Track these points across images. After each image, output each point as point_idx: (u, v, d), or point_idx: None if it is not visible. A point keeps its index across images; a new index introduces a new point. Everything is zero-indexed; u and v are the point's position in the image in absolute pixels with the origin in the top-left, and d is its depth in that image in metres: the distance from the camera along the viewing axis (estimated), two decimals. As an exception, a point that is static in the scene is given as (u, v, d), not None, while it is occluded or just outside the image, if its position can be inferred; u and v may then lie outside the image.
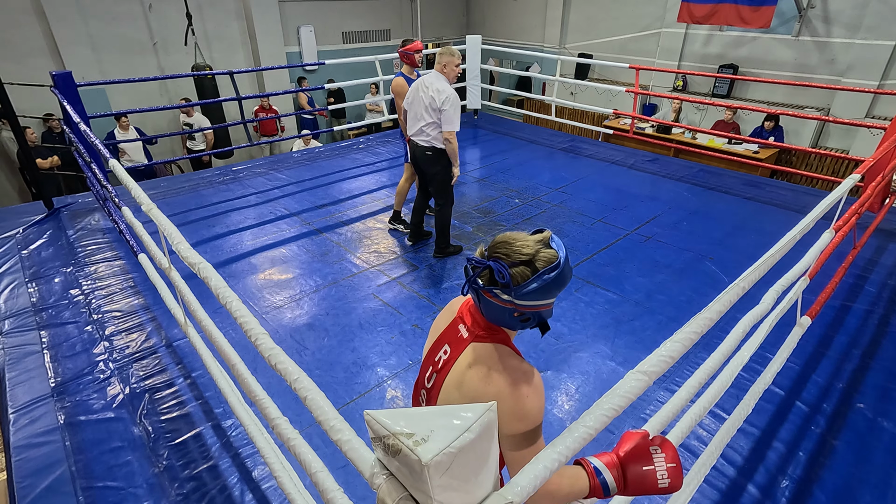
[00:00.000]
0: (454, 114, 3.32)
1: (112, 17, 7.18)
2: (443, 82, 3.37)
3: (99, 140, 3.06)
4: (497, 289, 1.04)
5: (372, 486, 0.83)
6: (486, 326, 1.13)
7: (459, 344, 1.15)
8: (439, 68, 3.42)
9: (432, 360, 1.21)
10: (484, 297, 1.06)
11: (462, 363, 1.12)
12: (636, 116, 5.98)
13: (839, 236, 2.54)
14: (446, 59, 3.39)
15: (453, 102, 3.31)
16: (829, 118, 4.65)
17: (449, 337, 1.19)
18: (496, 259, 1.04)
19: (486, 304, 1.08)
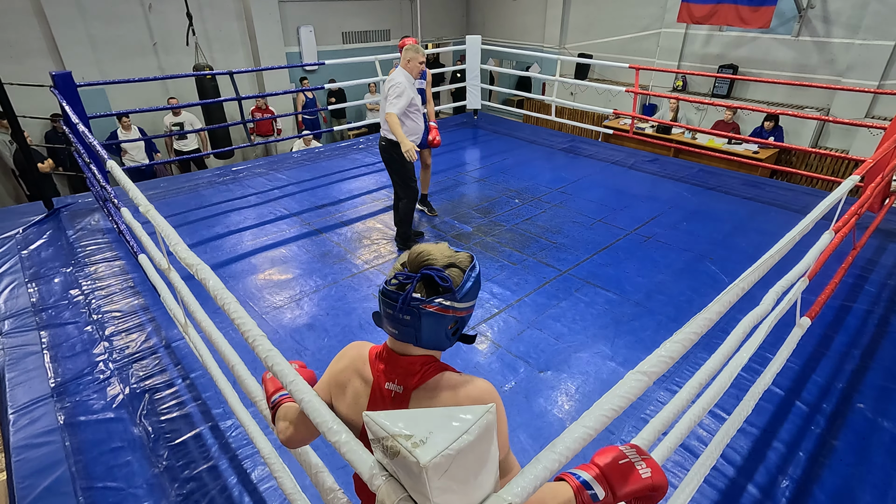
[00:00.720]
0: (395, 98, 3.47)
1: (112, 18, 7.18)
2: (399, 74, 3.54)
3: (98, 141, 3.06)
4: (439, 297, 0.98)
5: (371, 487, 0.83)
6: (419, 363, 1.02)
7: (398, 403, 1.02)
8: (403, 64, 3.59)
9: None
10: (425, 312, 0.97)
11: None
12: (636, 116, 5.98)
13: (839, 237, 2.54)
14: (409, 56, 3.56)
15: (397, 88, 3.47)
16: (829, 118, 4.65)
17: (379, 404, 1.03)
18: (426, 267, 0.98)
19: (427, 320, 0.98)
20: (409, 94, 3.52)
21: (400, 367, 1.02)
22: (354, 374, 1.08)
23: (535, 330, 3.00)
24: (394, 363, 1.03)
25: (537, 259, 3.76)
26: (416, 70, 3.58)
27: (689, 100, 6.37)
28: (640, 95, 6.65)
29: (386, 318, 1.01)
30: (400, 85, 3.48)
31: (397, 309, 0.97)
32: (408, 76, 3.57)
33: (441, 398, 0.99)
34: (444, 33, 11.35)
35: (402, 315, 0.97)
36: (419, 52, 3.57)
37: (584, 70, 9.46)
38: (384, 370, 1.04)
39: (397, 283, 0.98)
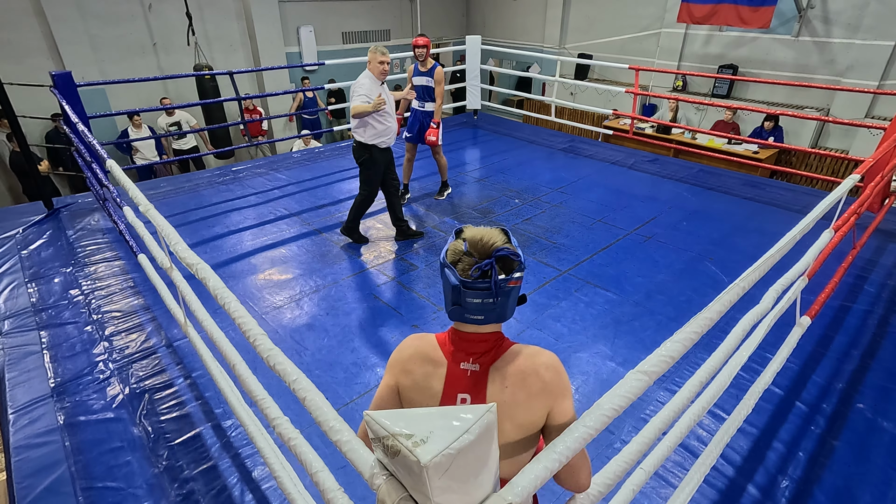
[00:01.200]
0: (356, 97, 3.57)
1: (112, 18, 7.18)
2: (364, 76, 3.63)
3: (101, 140, 3.06)
4: (515, 272, 1.04)
5: (372, 486, 0.83)
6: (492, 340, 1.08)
7: (476, 381, 1.06)
8: (369, 67, 3.67)
9: None
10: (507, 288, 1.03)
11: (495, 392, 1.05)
12: (636, 117, 5.98)
13: (839, 236, 2.54)
14: (370, 57, 3.66)
15: (357, 87, 3.57)
16: (829, 118, 4.65)
17: (457, 386, 1.07)
18: (497, 250, 1.03)
19: (510, 296, 1.05)
20: (368, 94, 3.56)
21: (473, 347, 1.07)
22: (422, 361, 1.10)
23: (534, 330, 3.00)
24: (466, 344, 1.08)
25: (537, 259, 3.76)
26: (379, 71, 3.63)
27: (689, 100, 6.37)
28: (640, 96, 6.65)
29: (469, 309, 1.04)
30: (363, 86, 3.57)
31: (491, 294, 1.02)
32: (372, 78, 3.63)
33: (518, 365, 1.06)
34: (444, 33, 11.35)
35: (494, 299, 1.02)
36: (377, 53, 3.62)
37: (584, 70, 9.46)
38: (455, 352, 1.08)
39: (480, 272, 1.01)
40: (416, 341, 1.15)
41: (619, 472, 1.20)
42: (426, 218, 4.47)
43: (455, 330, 1.10)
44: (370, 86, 3.59)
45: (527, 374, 1.05)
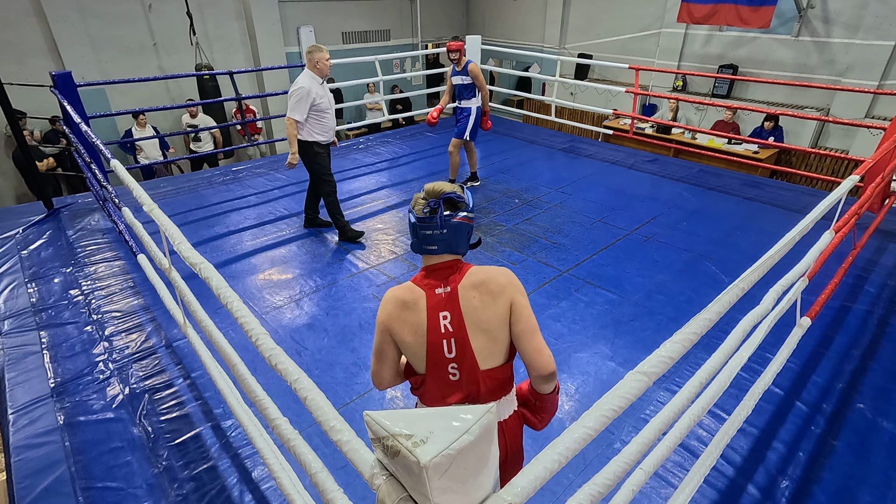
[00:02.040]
0: (295, 103, 3.57)
1: (112, 17, 7.18)
2: (304, 77, 3.62)
3: (102, 140, 3.06)
4: (461, 211, 1.32)
5: (372, 486, 0.83)
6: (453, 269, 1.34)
7: (451, 298, 1.31)
8: (310, 66, 3.65)
9: (439, 335, 1.31)
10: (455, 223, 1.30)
11: (467, 301, 1.31)
12: (636, 117, 5.98)
13: (839, 237, 2.54)
14: (315, 57, 3.62)
15: (299, 93, 3.55)
16: (829, 118, 4.65)
17: (438, 307, 1.31)
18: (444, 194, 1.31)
19: (456, 229, 1.31)
20: (309, 99, 3.58)
21: (441, 274, 1.33)
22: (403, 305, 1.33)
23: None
24: (435, 273, 1.34)
25: (537, 259, 3.76)
26: (327, 68, 3.65)
27: (689, 100, 6.37)
28: (640, 96, 6.64)
29: (423, 240, 1.32)
30: (300, 90, 3.55)
31: (437, 227, 1.29)
32: (314, 78, 3.63)
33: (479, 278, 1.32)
34: (444, 33, 11.35)
35: (440, 231, 1.30)
36: (320, 51, 3.62)
37: (584, 70, 9.46)
38: (430, 282, 1.33)
39: (429, 210, 1.30)
40: (393, 292, 1.36)
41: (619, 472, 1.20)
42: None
43: (424, 267, 1.36)
44: (309, 89, 3.57)
45: (486, 281, 1.31)
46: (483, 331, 1.31)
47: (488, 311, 1.30)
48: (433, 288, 1.32)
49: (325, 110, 3.71)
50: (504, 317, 1.31)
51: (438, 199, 1.30)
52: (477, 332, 1.31)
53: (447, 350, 1.32)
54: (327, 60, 3.65)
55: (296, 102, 3.56)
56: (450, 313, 1.30)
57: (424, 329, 1.31)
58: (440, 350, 1.32)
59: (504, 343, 1.34)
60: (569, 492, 2.03)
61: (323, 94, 3.68)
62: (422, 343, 1.32)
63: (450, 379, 1.35)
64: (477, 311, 1.30)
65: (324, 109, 3.70)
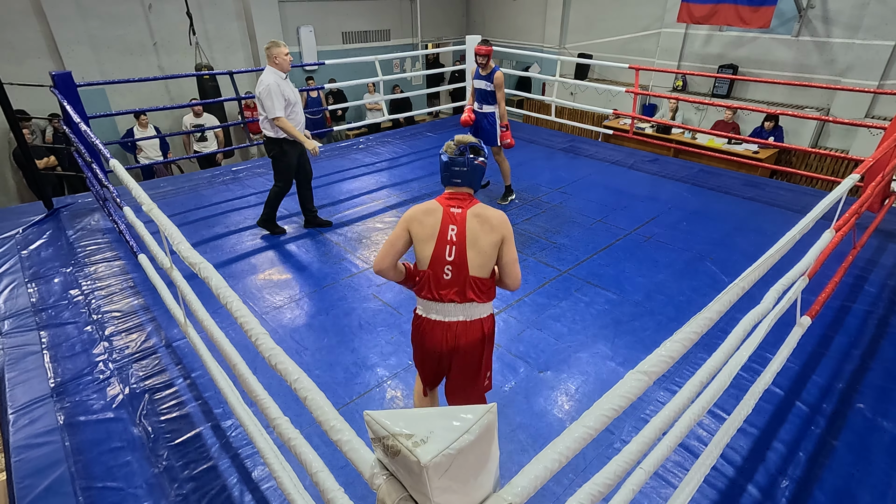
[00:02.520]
0: (270, 102, 3.53)
1: (112, 17, 7.18)
2: (268, 74, 3.58)
3: (101, 140, 3.06)
4: (480, 156, 1.81)
5: (372, 486, 0.83)
6: (467, 198, 1.79)
7: (460, 218, 1.75)
8: (270, 63, 3.61)
9: (445, 241, 1.75)
10: (475, 164, 1.79)
11: (471, 223, 1.74)
12: (636, 117, 5.98)
13: (839, 236, 2.54)
14: (273, 52, 3.59)
15: (268, 90, 3.51)
16: (829, 118, 4.65)
17: (449, 221, 1.75)
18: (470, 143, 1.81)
19: (475, 169, 1.80)
20: (279, 93, 3.55)
21: (458, 200, 1.78)
22: (426, 212, 1.78)
23: (535, 330, 3.00)
24: (454, 199, 1.79)
25: (537, 259, 3.76)
26: (286, 63, 3.62)
27: (689, 100, 6.37)
28: (640, 96, 6.64)
29: (451, 175, 1.79)
30: (268, 87, 3.52)
31: (463, 164, 1.77)
32: (278, 74, 3.60)
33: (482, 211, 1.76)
34: (444, 33, 11.35)
35: (465, 168, 1.78)
36: (279, 46, 3.59)
37: (584, 70, 9.46)
38: (448, 203, 1.78)
39: (459, 152, 1.78)
40: (422, 205, 1.81)
41: (619, 472, 1.20)
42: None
43: (447, 194, 1.81)
44: (276, 84, 3.54)
45: (487, 216, 1.75)
46: (476, 248, 1.73)
47: (484, 236, 1.73)
48: (450, 207, 1.77)
49: (292, 104, 3.70)
50: (494, 245, 1.75)
51: (466, 145, 1.80)
52: (472, 247, 1.73)
53: (448, 254, 1.75)
54: (286, 55, 3.61)
55: (270, 101, 3.53)
56: (457, 227, 1.75)
57: (436, 233, 1.75)
58: (443, 252, 1.75)
59: (490, 263, 1.78)
60: (569, 491, 2.03)
61: (288, 89, 3.67)
62: (431, 243, 1.76)
63: (444, 277, 1.77)
64: (475, 233, 1.73)
65: (292, 103, 3.69)
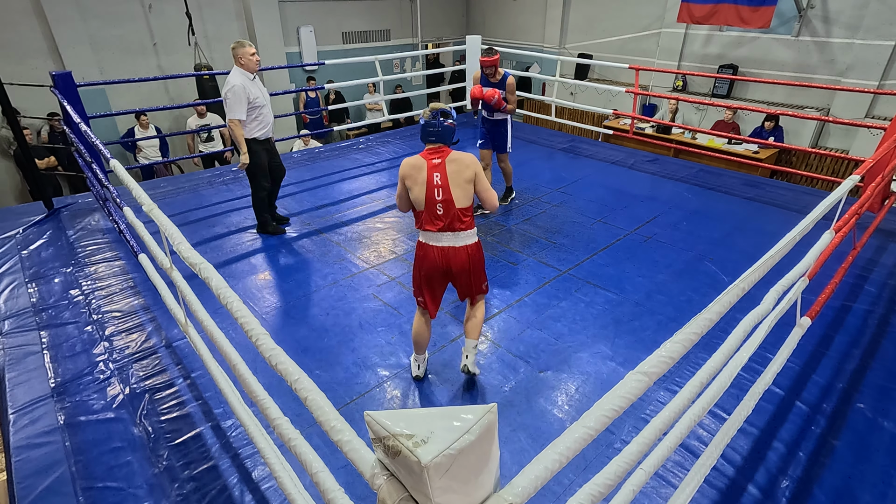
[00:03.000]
0: (233, 103, 3.52)
1: (112, 17, 7.18)
2: (235, 75, 3.57)
3: (101, 140, 3.06)
4: (449, 119, 2.33)
5: (372, 486, 0.83)
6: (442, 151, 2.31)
7: (440, 166, 2.28)
8: (236, 63, 3.61)
9: (433, 186, 2.27)
10: (445, 125, 2.31)
11: (450, 167, 2.29)
12: (636, 117, 5.98)
13: (839, 237, 2.54)
14: (238, 52, 3.58)
15: (233, 92, 3.50)
16: (829, 118, 4.65)
17: (432, 170, 2.28)
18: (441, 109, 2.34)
19: (445, 129, 2.32)
20: (244, 96, 3.53)
21: (435, 153, 2.30)
22: (414, 167, 2.31)
23: (535, 330, 3.00)
24: (432, 153, 2.31)
25: (537, 259, 3.76)
26: (254, 63, 3.60)
27: (689, 100, 6.38)
28: (640, 96, 6.64)
29: (427, 134, 2.31)
30: (233, 89, 3.50)
31: (437, 125, 2.30)
32: (245, 74, 3.59)
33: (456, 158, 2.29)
34: (444, 33, 11.35)
35: (438, 129, 2.30)
36: (244, 46, 3.58)
37: (584, 70, 9.46)
38: (428, 157, 2.30)
39: (432, 116, 2.31)
40: (409, 160, 2.33)
41: (620, 472, 1.20)
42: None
43: (427, 148, 2.33)
44: (242, 85, 3.53)
45: (459, 159, 2.30)
46: (457, 185, 2.28)
47: (461, 174, 2.28)
48: (430, 160, 2.30)
49: (260, 106, 3.68)
50: (470, 179, 2.30)
51: (438, 111, 2.33)
52: (454, 185, 2.27)
53: (437, 195, 2.27)
54: (252, 55, 3.59)
55: (233, 102, 3.52)
56: (439, 174, 2.27)
57: (424, 181, 2.27)
58: (433, 194, 2.27)
59: (470, 195, 2.33)
60: (569, 492, 2.03)
61: (256, 90, 3.65)
62: (422, 190, 2.28)
63: (437, 212, 2.30)
64: (454, 174, 2.28)
65: (259, 105, 3.67)
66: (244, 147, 3.67)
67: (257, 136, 3.74)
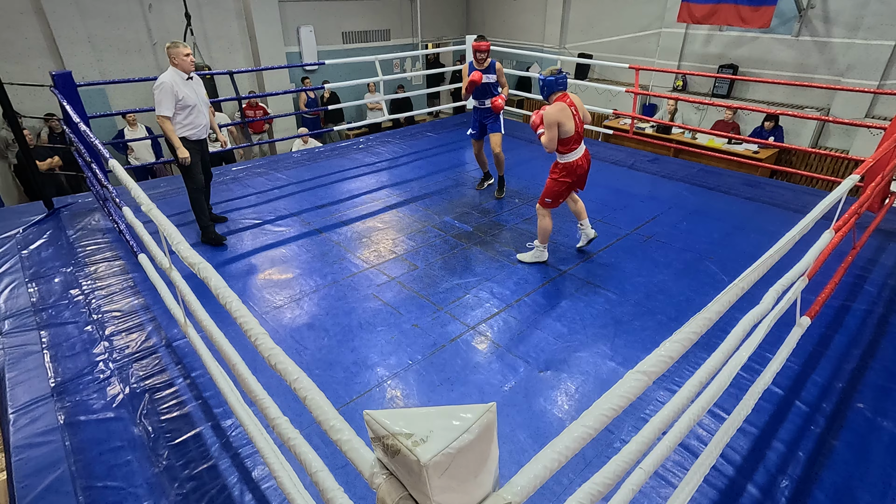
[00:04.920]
0: (160, 98, 3.56)
1: (112, 17, 7.18)
2: (167, 73, 3.60)
3: (100, 140, 3.06)
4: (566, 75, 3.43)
5: (372, 485, 0.83)
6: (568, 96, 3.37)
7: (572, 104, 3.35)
8: (171, 63, 3.64)
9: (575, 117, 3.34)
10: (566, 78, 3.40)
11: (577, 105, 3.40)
12: (636, 117, 5.98)
13: (839, 236, 2.54)
14: (172, 53, 3.61)
15: (160, 89, 3.55)
16: (829, 118, 4.65)
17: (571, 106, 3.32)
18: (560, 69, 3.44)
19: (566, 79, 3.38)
20: (171, 94, 3.56)
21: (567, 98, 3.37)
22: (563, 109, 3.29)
23: (534, 330, 3.00)
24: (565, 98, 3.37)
25: (537, 259, 3.76)
26: (188, 63, 3.64)
27: (690, 100, 6.38)
28: (640, 95, 6.65)
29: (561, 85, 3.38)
30: (161, 86, 3.54)
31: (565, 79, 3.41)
32: (178, 73, 3.62)
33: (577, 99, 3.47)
34: (444, 33, 11.35)
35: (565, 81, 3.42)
36: (178, 46, 3.61)
37: (584, 70, 9.46)
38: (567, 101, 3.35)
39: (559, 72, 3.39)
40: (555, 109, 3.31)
41: (619, 471, 1.20)
42: (427, 217, 4.48)
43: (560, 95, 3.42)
44: (171, 84, 3.55)
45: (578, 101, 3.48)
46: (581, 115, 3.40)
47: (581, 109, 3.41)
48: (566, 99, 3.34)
49: (190, 106, 3.69)
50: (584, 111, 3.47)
51: (560, 69, 3.38)
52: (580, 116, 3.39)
53: (577, 124, 3.34)
54: (185, 56, 3.61)
55: (159, 100, 3.57)
56: (574, 109, 3.33)
57: (571, 115, 3.30)
58: (577, 123, 3.35)
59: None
60: (569, 491, 2.03)
61: (188, 90, 3.66)
62: (571, 121, 3.29)
63: (579, 133, 3.37)
64: (578, 109, 3.38)
65: (189, 105, 3.67)
66: (177, 142, 3.68)
67: (187, 135, 3.75)
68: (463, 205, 4.75)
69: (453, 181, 5.33)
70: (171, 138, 3.67)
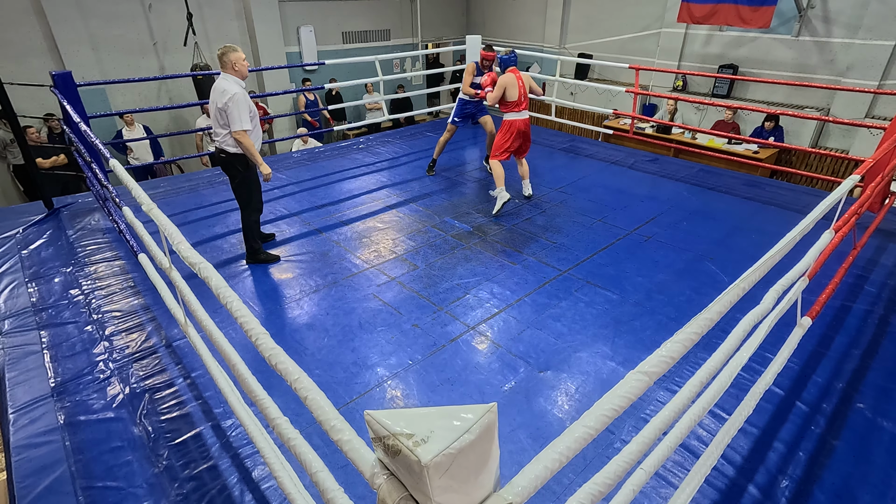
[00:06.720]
0: (238, 112, 3.20)
1: (112, 17, 7.18)
2: (228, 82, 3.24)
3: (100, 140, 3.06)
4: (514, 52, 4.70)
5: (372, 486, 0.83)
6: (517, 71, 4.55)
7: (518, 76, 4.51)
8: (228, 70, 3.29)
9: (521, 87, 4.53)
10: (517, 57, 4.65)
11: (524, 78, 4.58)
12: (636, 117, 5.98)
13: (839, 236, 2.54)
14: (231, 58, 3.26)
15: (236, 101, 3.19)
16: (829, 118, 4.65)
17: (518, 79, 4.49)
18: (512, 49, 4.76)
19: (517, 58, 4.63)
20: (246, 105, 3.26)
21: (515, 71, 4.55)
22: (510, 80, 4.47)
23: (535, 330, 3.00)
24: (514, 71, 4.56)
25: (537, 259, 3.76)
26: (245, 69, 3.32)
27: (690, 100, 6.38)
28: (640, 95, 6.65)
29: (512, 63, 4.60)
30: (236, 96, 3.19)
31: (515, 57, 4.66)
32: (238, 81, 3.29)
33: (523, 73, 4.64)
34: (444, 33, 11.35)
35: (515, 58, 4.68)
36: (237, 51, 3.28)
37: (584, 70, 9.46)
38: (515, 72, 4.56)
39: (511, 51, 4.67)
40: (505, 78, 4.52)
41: (620, 472, 1.20)
42: (427, 217, 4.48)
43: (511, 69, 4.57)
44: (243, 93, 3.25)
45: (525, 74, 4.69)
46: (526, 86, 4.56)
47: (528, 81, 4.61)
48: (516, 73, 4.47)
49: (256, 116, 3.40)
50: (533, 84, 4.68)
51: (513, 50, 4.64)
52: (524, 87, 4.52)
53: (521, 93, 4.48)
54: (244, 61, 3.30)
55: (239, 111, 3.20)
56: (521, 82, 4.49)
57: (516, 83, 4.44)
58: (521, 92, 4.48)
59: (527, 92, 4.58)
60: (569, 491, 2.03)
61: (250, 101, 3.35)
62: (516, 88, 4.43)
63: (522, 99, 4.47)
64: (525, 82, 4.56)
65: (255, 115, 3.38)
66: (259, 158, 3.36)
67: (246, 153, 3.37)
68: (463, 205, 4.75)
69: (453, 181, 5.33)
70: (254, 155, 3.33)
